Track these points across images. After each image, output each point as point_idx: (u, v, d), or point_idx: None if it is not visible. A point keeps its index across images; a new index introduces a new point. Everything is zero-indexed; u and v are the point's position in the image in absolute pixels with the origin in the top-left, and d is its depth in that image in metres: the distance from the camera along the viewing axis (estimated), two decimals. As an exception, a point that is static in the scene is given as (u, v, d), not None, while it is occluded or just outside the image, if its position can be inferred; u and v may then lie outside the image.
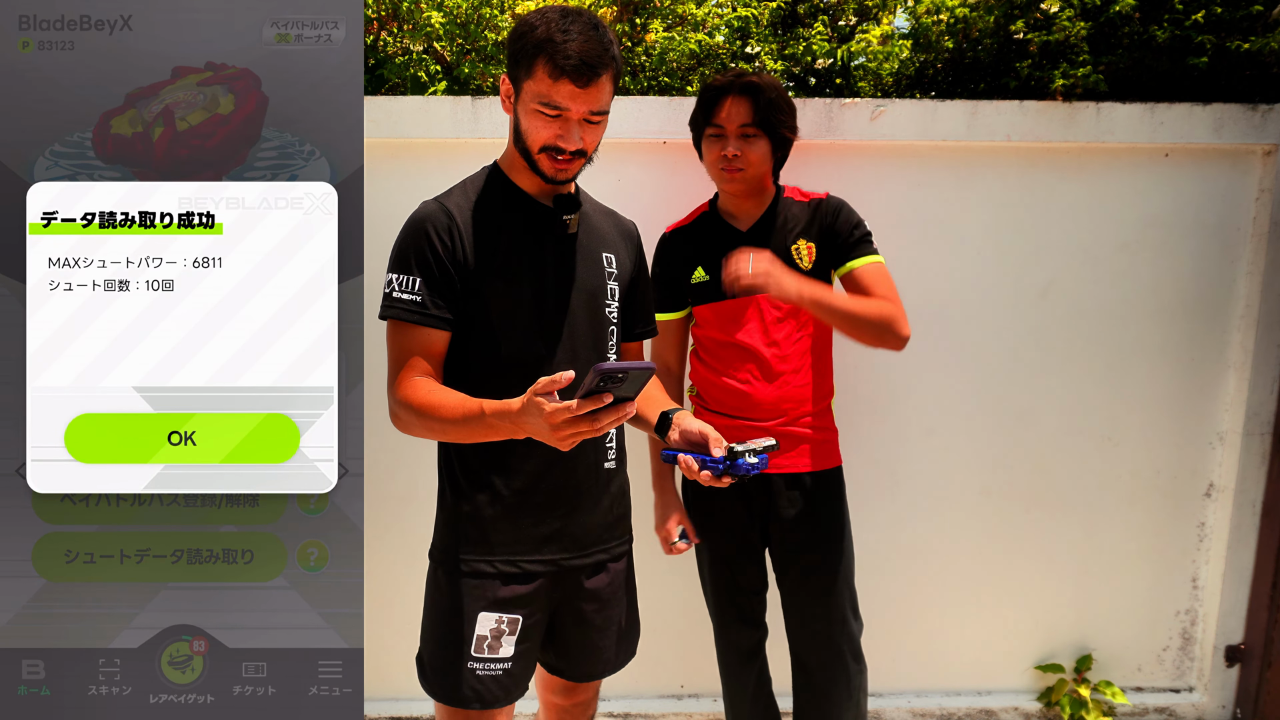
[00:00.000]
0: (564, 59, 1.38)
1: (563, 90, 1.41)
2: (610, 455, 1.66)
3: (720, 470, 1.43)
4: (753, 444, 1.46)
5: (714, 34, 2.70)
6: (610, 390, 1.19)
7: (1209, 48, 2.49)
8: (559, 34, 1.39)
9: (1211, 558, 2.69)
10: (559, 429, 1.23)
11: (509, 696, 1.59)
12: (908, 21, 2.78)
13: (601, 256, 1.64)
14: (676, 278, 2.11)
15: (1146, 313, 2.57)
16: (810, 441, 2.06)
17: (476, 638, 1.55)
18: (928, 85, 2.77)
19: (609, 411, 1.21)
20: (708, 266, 2.05)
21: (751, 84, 1.96)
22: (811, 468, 2.07)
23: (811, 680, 2.11)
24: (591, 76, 1.40)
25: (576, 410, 1.20)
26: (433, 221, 1.53)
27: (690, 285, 2.08)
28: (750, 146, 1.97)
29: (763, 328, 2.03)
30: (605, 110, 1.48)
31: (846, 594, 2.08)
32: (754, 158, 1.98)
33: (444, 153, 2.37)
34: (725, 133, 1.98)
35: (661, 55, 2.61)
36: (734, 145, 1.97)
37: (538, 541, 1.58)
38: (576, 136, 1.45)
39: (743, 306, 2.03)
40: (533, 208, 1.58)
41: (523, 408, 1.30)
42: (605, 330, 1.62)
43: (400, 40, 2.63)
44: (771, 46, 2.65)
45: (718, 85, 2.00)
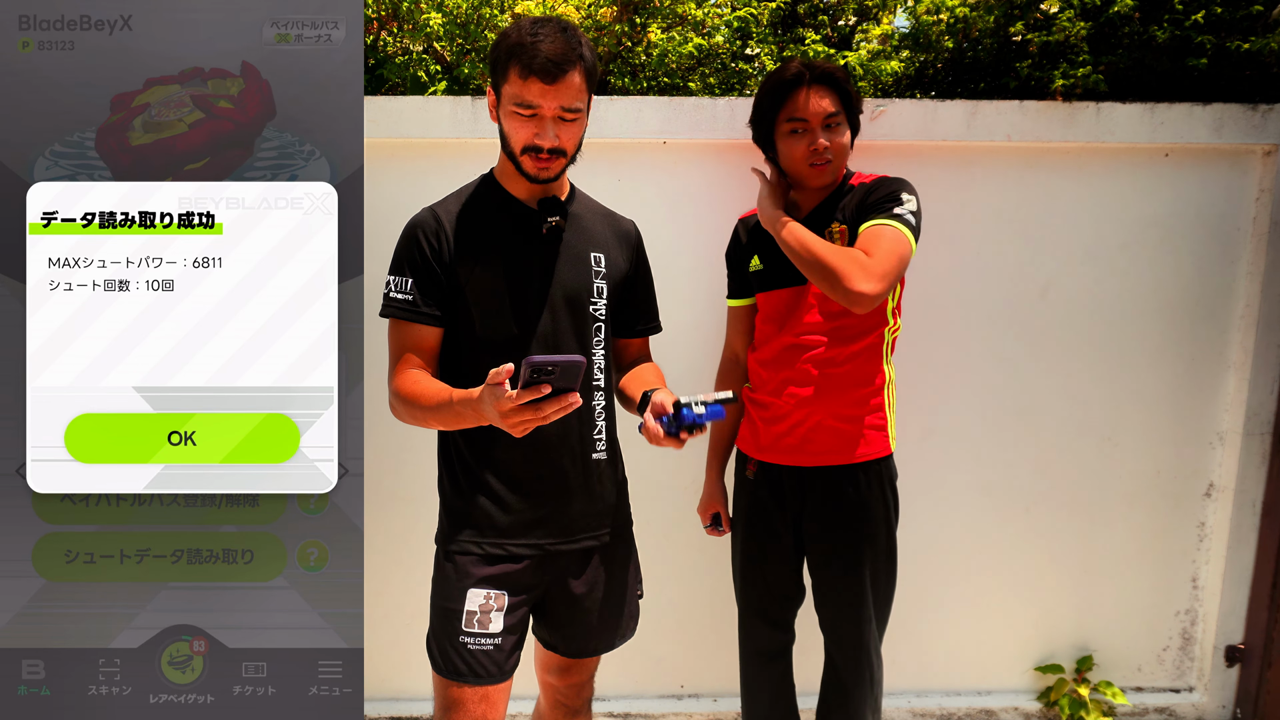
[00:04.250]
0: (531, 58, 1.49)
1: (533, 89, 1.51)
2: (599, 447, 1.72)
3: (668, 422, 1.50)
4: (701, 396, 1.51)
5: (714, 34, 2.70)
6: (547, 381, 1.31)
7: (1209, 48, 2.49)
8: (528, 38, 1.51)
9: (1211, 558, 2.69)
10: (507, 417, 1.35)
11: (501, 673, 1.65)
12: (908, 21, 2.78)
13: (589, 256, 1.70)
14: (740, 265, 2.12)
15: (1146, 313, 2.57)
16: (841, 431, 1.99)
17: (466, 613, 1.63)
18: (928, 85, 2.78)
19: (551, 401, 1.33)
20: (764, 255, 2.05)
21: (828, 73, 1.92)
22: (841, 460, 1.99)
23: (839, 675, 2.08)
24: (558, 74, 1.50)
25: (516, 400, 1.32)
26: (423, 227, 1.65)
27: (750, 274, 2.08)
28: (837, 136, 1.94)
29: (803, 316, 1.99)
30: (577, 108, 1.56)
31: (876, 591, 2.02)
32: (841, 146, 1.95)
33: (444, 153, 2.37)
34: (811, 126, 1.93)
35: (661, 56, 2.61)
36: (824, 136, 1.93)
37: (524, 527, 1.66)
38: (552, 134, 1.55)
39: (787, 297, 2.01)
40: (519, 210, 1.67)
41: (479, 396, 1.43)
42: (589, 327, 1.69)
43: (400, 40, 2.63)
44: (771, 47, 2.65)
45: (791, 77, 1.94)
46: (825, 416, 1.99)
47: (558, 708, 1.87)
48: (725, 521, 2.20)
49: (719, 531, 2.20)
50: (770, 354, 2.04)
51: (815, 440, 1.99)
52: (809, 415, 1.99)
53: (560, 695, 1.86)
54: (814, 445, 2.00)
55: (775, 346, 2.03)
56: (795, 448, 2.01)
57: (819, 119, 1.92)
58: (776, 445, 2.03)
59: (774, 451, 2.04)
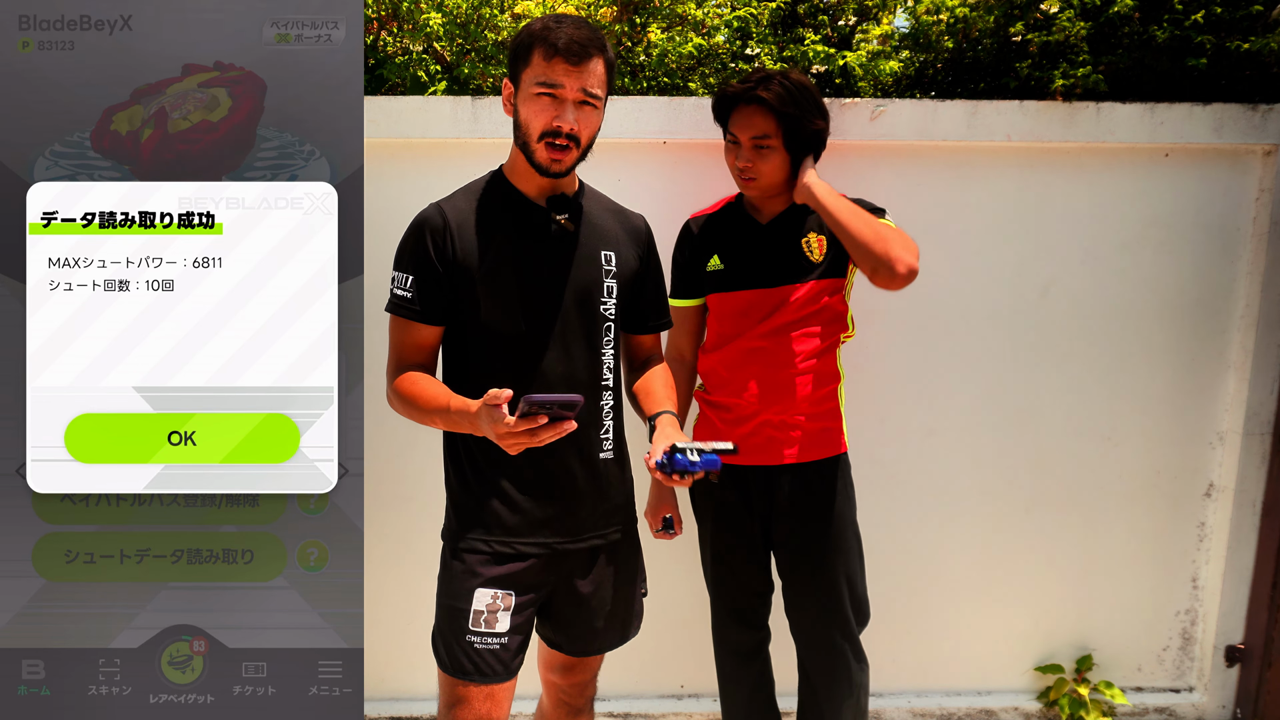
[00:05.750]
0: (556, 39, 1.53)
1: (557, 68, 1.53)
2: (606, 447, 1.72)
3: (661, 465, 1.51)
4: (699, 445, 1.50)
5: (714, 34, 2.70)
6: (544, 413, 1.36)
7: (1209, 48, 2.49)
8: (552, 24, 1.55)
9: (1211, 558, 2.69)
10: (503, 438, 1.42)
11: (507, 672, 1.66)
12: (908, 22, 2.78)
13: (600, 254, 1.69)
14: (692, 265, 2.10)
15: (1147, 313, 2.57)
16: (805, 430, 2.03)
17: (474, 612, 1.64)
18: (928, 85, 2.77)
19: (546, 428, 1.38)
20: (724, 255, 2.05)
21: (761, 97, 1.91)
22: (805, 458, 2.03)
23: (810, 679, 2.10)
24: (584, 56, 1.53)
25: (514, 428, 1.38)
26: (429, 224, 1.64)
27: (706, 273, 2.08)
28: (762, 159, 1.95)
29: (768, 320, 2.01)
30: (598, 95, 1.57)
31: (846, 589, 2.05)
32: (765, 169, 1.96)
33: (444, 152, 2.37)
34: (739, 141, 1.97)
35: (661, 56, 2.61)
36: (745, 157, 1.96)
37: (532, 525, 1.66)
38: (571, 117, 1.55)
39: (751, 299, 2.02)
40: (527, 208, 1.66)
41: (476, 412, 1.47)
42: (599, 326, 1.68)
43: (400, 40, 2.63)
44: (771, 47, 2.65)
45: (730, 93, 1.98)
46: (791, 415, 2.02)
47: (560, 706, 1.87)
48: (678, 523, 2.15)
49: (670, 535, 2.14)
50: (733, 355, 2.05)
51: (782, 440, 2.02)
52: (774, 415, 2.01)
53: (563, 694, 1.86)
54: (781, 445, 2.02)
55: (739, 347, 2.04)
56: (760, 448, 2.03)
57: (746, 138, 1.96)
58: (742, 446, 2.02)
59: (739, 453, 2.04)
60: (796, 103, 1.92)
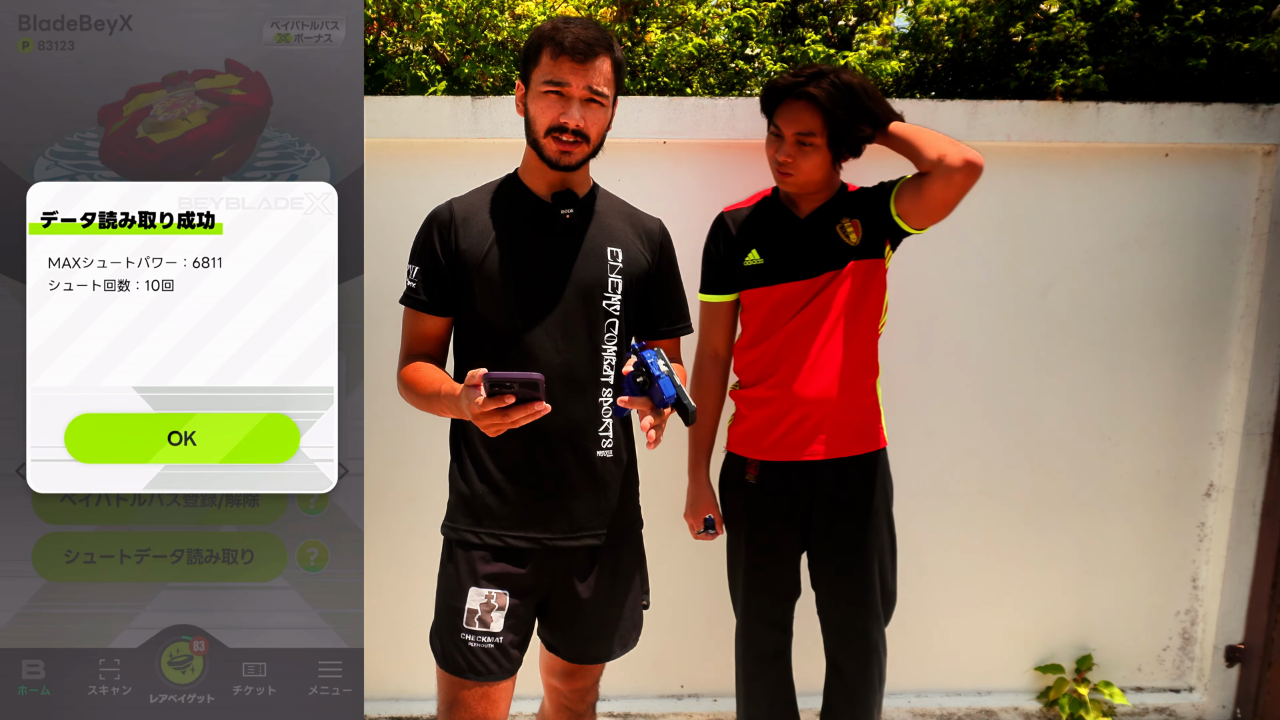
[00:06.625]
0: (563, 38, 1.58)
1: (564, 67, 1.58)
2: (606, 444, 1.71)
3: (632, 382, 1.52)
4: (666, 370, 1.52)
5: (714, 34, 2.70)
6: (509, 393, 1.39)
7: (1209, 48, 2.49)
8: (561, 24, 1.60)
9: (1211, 558, 2.69)
10: (478, 419, 1.44)
11: (502, 671, 1.66)
12: (908, 22, 2.79)
13: (606, 251, 1.70)
14: (729, 259, 2.08)
15: (1147, 313, 2.57)
16: (845, 424, 2.01)
17: (468, 611, 1.65)
18: (928, 85, 2.78)
19: (517, 409, 1.41)
20: (763, 249, 2.04)
21: (810, 93, 1.89)
22: (845, 452, 2.01)
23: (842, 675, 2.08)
24: (590, 54, 1.58)
25: (483, 407, 1.40)
26: (437, 219, 1.69)
27: (743, 268, 2.05)
28: (803, 155, 1.94)
29: (805, 310, 1.99)
30: (604, 93, 1.61)
31: (879, 583, 2.03)
32: (805, 165, 1.95)
33: (444, 152, 2.37)
34: (783, 135, 1.96)
35: (661, 56, 2.61)
36: (786, 152, 1.95)
37: (523, 519, 1.66)
38: (578, 115, 1.59)
39: (788, 291, 2.00)
40: (534, 203, 1.69)
41: (459, 395, 1.51)
42: (601, 321, 1.69)
43: (400, 40, 2.63)
44: (771, 47, 2.65)
45: (780, 86, 1.96)
46: (834, 409, 1.99)
47: (562, 711, 1.86)
48: (719, 524, 2.12)
49: (712, 535, 2.12)
50: (773, 348, 2.03)
51: (825, 433, 1.99)
52: (816, 408, 1.99)
53: (564, 699, 1.85)
54: (824, 438, 1.99)
55: (778, 340, 2.02)
56: (802, 442, 2.00)
57: (790, 134, 1.95)
58: (783, 442, 2.02)
59: (780, 449, 2.02)
60: (845, 104, 1.90)
